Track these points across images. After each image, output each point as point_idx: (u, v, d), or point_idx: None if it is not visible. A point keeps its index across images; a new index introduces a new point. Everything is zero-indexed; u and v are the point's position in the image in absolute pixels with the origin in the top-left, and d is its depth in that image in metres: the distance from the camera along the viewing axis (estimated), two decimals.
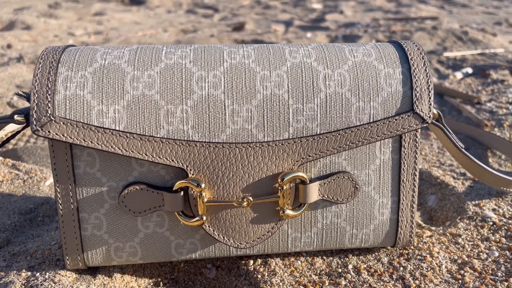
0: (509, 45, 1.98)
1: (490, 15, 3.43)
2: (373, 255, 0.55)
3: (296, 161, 0.48)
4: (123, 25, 2.60)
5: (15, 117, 0.51)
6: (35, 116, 0.45)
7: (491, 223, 0.60)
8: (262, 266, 0.53)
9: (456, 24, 2.36)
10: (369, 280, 0.50)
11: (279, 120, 0.47)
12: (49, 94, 0.45)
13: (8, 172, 0.76)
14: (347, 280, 0.50)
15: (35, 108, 0.45)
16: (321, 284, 0.50)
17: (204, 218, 0.47)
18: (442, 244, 0.56)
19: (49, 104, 0.45)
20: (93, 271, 0.52)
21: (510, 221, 0.60)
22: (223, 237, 0.49)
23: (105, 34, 2.22)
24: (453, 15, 3.30)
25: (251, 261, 0.54)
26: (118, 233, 0.50)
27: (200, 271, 0.55)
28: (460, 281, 0.50)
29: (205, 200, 0.47)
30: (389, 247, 0.56)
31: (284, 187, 0.47)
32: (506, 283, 0.49)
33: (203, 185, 0.46)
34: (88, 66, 0.47)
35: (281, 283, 0.50)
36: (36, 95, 0.45)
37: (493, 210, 0.63)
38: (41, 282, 0.48)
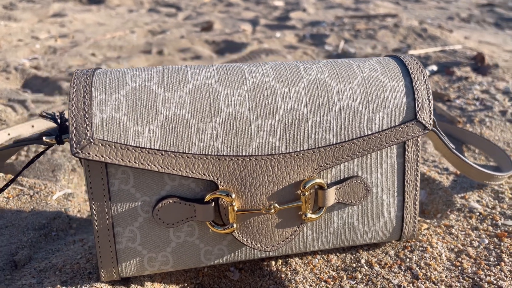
0: (465, 41, 2.11)
1: (442, 10, 3.61)
2: (381, 249, 0.60)
3: (315, 169, 0.52)
4: (87, 27, 2.55)
5: (44, 139, 0.52)
6: (74, 139, 0.47)
7: (478, 213, 0.67)
8: (284, 266, 0.58)
9: (414, 21, 2.49)
10: (381, 272, 0.56)
11: (299, 132, 0.52)
12: (86, 118, 0.47)
13: (12, 188, 0.77)
14: (362, 274, 0.56)
15: (74, 132, 0.47)
16: (340, 279, 0.55)
17: (235, 225, 0.51)
18: (439, 235, 0.63)
19: (87, 127, 0.47)
20: (125, 281, 0.55)
21: (493, 211, 0.68)
22: (251, 242, 0.53)
23: (71, 37, 2.18)
24: (408, 10, 3.45)
25: (273, 262, 0.58)
26: (151, 244, 0.53)
27: (224, 274, 0.59)
28: (459, 267, 0.57)
29: (235, 209, 0.51)
30: (393, 241, 0.62)
31: (306, 193, 0.52)
32: (498, 267, 0.56)
33: (233, 196, 0.50)
34: (121, 89, 0.49)
35: (304, 281, 0.55)
36: (74, 119, 0.47)
37: (478, 201, 0.70)
38: None
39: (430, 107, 0.54)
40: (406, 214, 0.58)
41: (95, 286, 0.53)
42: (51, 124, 1.00)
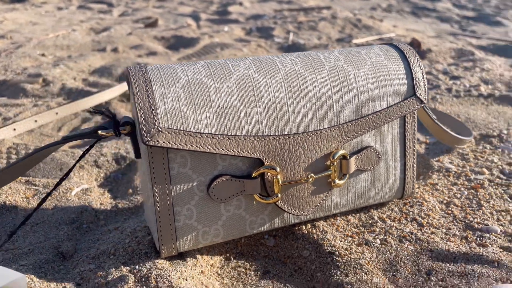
0: (394, 29, 2.33)
1: (365, 1, 3.88)
2: (386, 207, 0.72)
3: (340, 142, 0.62)
4: (21, 26, 2.43)
5: (100, 132, 0.57)
6: (145, 129, 0.52)
7: (453, 172, 0.81)
8: (313, 228, 0.67)
9: (347, 12, 2.68)
10: (393, 225, 0.67)
11: (326, 111, 0.61)
12: (152, 109, 0.53)
13: (26, 188, 0.78)
14: (378, 227, 0.67)
15: (144, 122, 0.52)
16: (362, 234, 0.66)
17: (279, 195, 0.59)
18: (428, 192, 0.76)
19: (154, 118, 0.52)
20: (180, 256, 0.61)
21: (464, 169, 0.82)
22: (291, 208, 0.62)
23: (9, 38, 2.07)
24: (335, 2, 3.67)
25: (303, 227, 0.67)
26: (205, 219, 0.59)
27: (260, 242, 0.67)
28: (451, 215, 0.70)
29: (280, 181, 0.59)
30: (395, 200, 0.73)
31: (335, 163, 0.62)
32: (481, 211, 0.70)
33: (278, 169, 0.58)
34: (176, 82, 0.55)
35: (334, 238, 0.64)
36: (142, 111, 0.52)
37: (450, 163, 0.85)
38: (149, 271, 0.56)
39: (425, 85, 0.66)
40: (407, 175, 0.70)
41: (157, 262, 0.58)
42: (53, 117, 1.00)
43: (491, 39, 2.27)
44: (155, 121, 0.52)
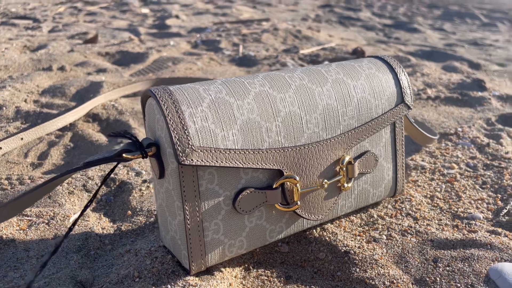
0: (331, 38, 2.47)
1: (294, 12, 4.05)
2: (381, 206, 0.78)
3: (345, 149, 0.67)
4: None
5: (125, 155, 0.57)
6: (180, 149, 0.53)
7: (428, 168, 0.90)
8: (323, 231, 0.71)
9: (286, 24, 2.79)
10: (392, 221, 0.74)
11: (333, 121, 0.66)
12: (184, 129, 0.54)
13: (19, 220, 0.74)
14: (380, 225, 0.73)
15: (178, 142, 0.53)
16: (367, 232, 0.71)
17: (299, 203, 0.63)
18: (412, 188, 0.83)
19: (188, 137, 0.54)
20: (206, 271, 0.62)
21: (436, 165, 0.91)
22: (308, 214, 0.65)
23: None
24: (266, 14, 3.79)
25: (314, 231, 0.71)
26: (231, 232, 0.61)
27: (274, 250, 0.70)
28: (438, 207, 0.78)
29: (299, 189, 0.63)
30: (387, 198, 0.80)
31: (344, 169, 0.67)
32: (461, 201, 0.79)
33: (297, 178, 0.62)
34: (202, 102, 0.57)
35: (344, 238, 0.69)
36: (175, 131, 0.53)
37: (423, 160, 0.94)
38: None
39: (410, 92, 0.74)
40: (398, 175, 0.77)
41: (189, 280, 0.59)
42: (19, 143, 0.95)
43: (418, 45, 2.48)
44: (189, 140, 0.54)
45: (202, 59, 1.85)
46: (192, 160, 0.54)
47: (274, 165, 0.60)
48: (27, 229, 0.72)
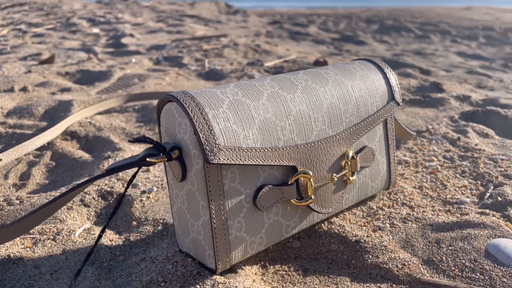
0: (289, 52, 2.55)
1: (246, 29, 4.14)
2: (377, 198, 0.83)
3: (348, 145, 0.72)
4: None
5: (149, 159, 0.58)
6: (208, 149, 0.55)
7: (411, 162, 0.97)
8: (330, 225, 0.75)
9: (242, 39, 2.85)
10: (391, 211, 0.79)
11: (337, 119, 0.70)
12: (211, 130, 0.56)
13: (22, 238, 0.72)
14: (381, 215, 0.77)
15: (206, 142, 0.55)
16: (371, 222, 0.76)
17: (313, 197, 0.66)
18: (401, 181, 0.89)
19: (214, 137, 0.56)
20: (229, 270, 0.63)
21: (417, 159, 0.98)
22: (320, 208, 0.69)
23: None
24: (220, 30, 3.85)
25: (322, 225, 0.75)
26: (252, 229, 0.63)
27: (287, 246, 0.72)
28: (428, 195, 0.84)
29: (313, 184, 0.66)
30: (381, 191, 0.85)
31: (349, 163, 0.71)
32: (445, 190, 0.85)
33: (311, 173, 0.65)
34: (222, 103, 0.59)
35: (352, 230, 0.73)
36: (202, 132, 0.55)
37: (404, 156, 1.00)
38: None
39: (399, 90, 0.80)
40: (391, 168, 0.82)
41: (216, 279, 0.60)
42: (17, 156, 0.91)
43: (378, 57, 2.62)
44: (215, 140, 0.56)
45: (170, 74, 1.86)
46: (219, 159, 0.56)
47: (289, 161, 0.63)
48: (34, 247, 0.70)
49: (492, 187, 0.85)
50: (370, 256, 0.67)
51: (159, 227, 0.77)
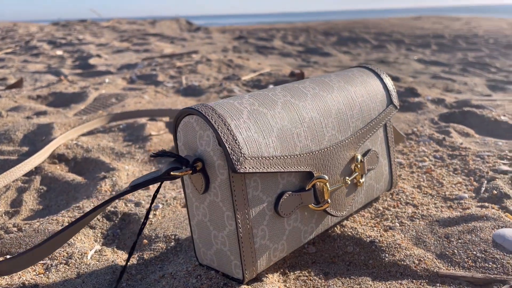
0: (260, 66, 2.59)
1: (212, 45, 4.16)
2: (381, 200, 0.86)
3: (356, 149, 0.74)
4: None
5: (173, 173, 0.57)
6: (235, 158, 0.55)
7: (405, 164, 1.00)
8: (343, 228, 0.76)
9: (214, 55, 2.86)
10: (397, 210, 0.81)
11: (345, 124, 0.72)
12: (235, 140, 0.57)
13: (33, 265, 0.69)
14: (389, 215, 0.80)
15: (232, 153, 0.56)
16: (381, 222, 0.78)
17: (329, 201, 0.68)
18: (400, 182, 0.93)
19: (239, 147, 0.56)
20: (254, 279, 0.64)
21: (410, 160, 1.02)
22: (335, 211, 0.70)
23: None
24: (186, 48, 3.85)
25: (335, 229, 0.76)
26: (274, 237, 0.64)
27: (303, 252, 0.73)
28: (428, 193, 0.87)
29: (329, 188, 0.67)
30: (384, 193, 0.88)
31: (359, 166, 0.73)
32: (444, 187, 0.89)
33: (327, 177, 0.67)
34: (241, 114, 0.60)
35: (365, 231, 0.75)
36: (228, 142, 0.56)
37: (397, 158, 1.04)
38: None
39: (396, 95, 0.83)
40: (393, 169, 0.85)
41: None
42: (5, 183, 0.87)
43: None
44: (240, 149, 0.56)
45: (148, 92, 1.84)
46: (245, 167, 0.56)
47: (306, 167, 0.65)
48: (47, 272, 0.68)
49: (485, 181, 0.89)
50: (387, 255, 0.69)
51: (172, 243, 0.76)
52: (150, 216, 0.84)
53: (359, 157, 0.73)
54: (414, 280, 0.64)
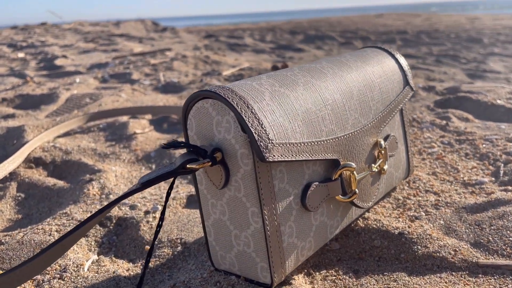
0: (238, 61, 2.51)
1: (183, 44, 4.05)
2: (399, 189, 0.80)
3: (377, 133, 0.68)
4: None
5: (189, 165, 0.50)
6: (262, 145, 0.48)
7: (414, 151, 0.95)
8: (366, 221, 0.70)
9: (188, 52, 2.76)
10: (419, 199, 0.76)
11: (366, 106, 0.66)
12: (261, 125, 0.49)
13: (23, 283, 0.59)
14: (410, 205, 0.74)
15: (260, 139, 0.48)
16: (404, 212, 0.72)
17: (357, 191, 0.61)
18: (415, 170, 0.87)
19: (266, 132, 0.49)
20: (281, 282, 0.56)
21: (418, 147, 0.97)
22: (361, 202, 0.64)
23: None
24: (156, 46, 3.73)
25: (358, 222, 0.70)
26: (302, 234, 0.57)
27: (326, 249, 0.66)
28: (446, 180, 0.82)
29: (357, 177, 0.61)
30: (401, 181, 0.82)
31: (383, 152, 0.67)
32: (460, 173, 0.84)
33: (354, 165, 0.60)
34: (263, 95, 0.52)
35: (389, 223, 0.69)
36: (254, 128, 0.48)
37: None
38: None
39: (411, 76, 0.78)
40: (409, 155, 0.80)
41: None
42: None
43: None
44: (268, 135, 0.49)
45: (124, 90, 1.73)
46: (274, 155, 0.49)
47: (332, 154, 0.58)
48: (40, 286, 0.58)
49: (502, 165, 0.85)
50: (419, 247, 0.63)
51: (178, 248, 0.68)
52: (150, 219, 0.75)
53: (383, 142, 0.67)
54: (453, 273, 0.59)
